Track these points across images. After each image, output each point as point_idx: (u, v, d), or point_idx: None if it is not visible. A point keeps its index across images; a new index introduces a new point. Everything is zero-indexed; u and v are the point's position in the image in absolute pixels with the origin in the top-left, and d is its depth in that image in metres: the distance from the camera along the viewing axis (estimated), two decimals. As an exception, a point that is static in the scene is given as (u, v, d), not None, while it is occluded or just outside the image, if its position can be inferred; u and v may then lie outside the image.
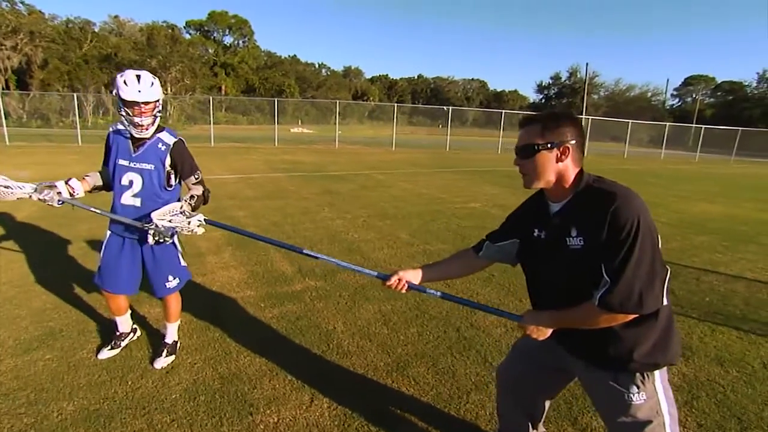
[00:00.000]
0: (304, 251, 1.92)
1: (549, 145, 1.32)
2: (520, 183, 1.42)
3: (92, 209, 2.35)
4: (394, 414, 2.21)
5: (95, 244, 4.56)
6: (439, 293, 1.62)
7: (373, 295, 3.61)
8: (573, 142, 1.32)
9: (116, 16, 44.04)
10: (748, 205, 9.60)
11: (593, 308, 1.26)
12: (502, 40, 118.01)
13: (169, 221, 2.16)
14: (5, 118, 18.26)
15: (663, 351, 1.30)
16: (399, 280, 1.59)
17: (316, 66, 59.92)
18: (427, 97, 63.05)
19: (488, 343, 2.91)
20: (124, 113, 2.20)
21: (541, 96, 59.44)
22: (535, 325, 1.41)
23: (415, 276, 1.62)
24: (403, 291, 1.61)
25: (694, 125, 32.08)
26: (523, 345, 1.68)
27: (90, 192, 2.44)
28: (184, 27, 45.85)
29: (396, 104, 26.83)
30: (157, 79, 2.29)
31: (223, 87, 41.58)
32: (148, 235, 2.25)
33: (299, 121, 39.65)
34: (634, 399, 1.32)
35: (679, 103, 58.47)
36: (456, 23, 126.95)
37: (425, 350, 2.81)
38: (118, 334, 2.66)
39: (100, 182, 2.45)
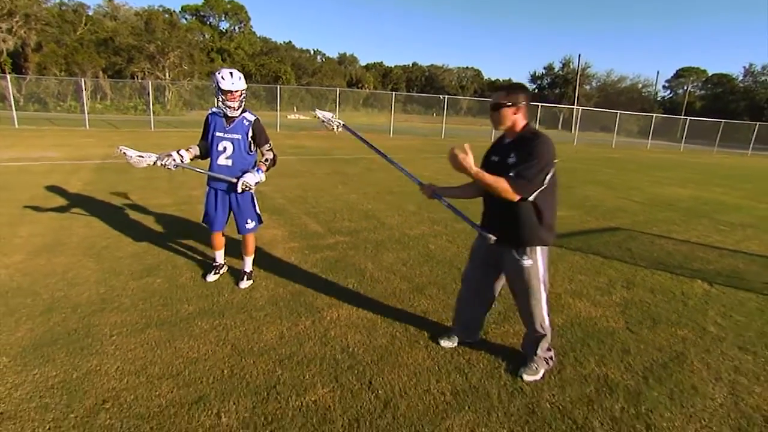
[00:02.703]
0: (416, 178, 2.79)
1: (509, 104, 2.20)
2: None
3: (197, 170, 3.25)
4: (416, 316, 3.16)
5: (153, 209, 5.45)
6: (446, 202, 2.56)
7: (392, 247, 4.58)
8: (523, 103, 2.20)
9: (111, 0, 43.93)
10: (716, 189, 10.66)
11: (501, 178, 2.12)
12: (496, 28, 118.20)
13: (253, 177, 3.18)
14: (14, 103, 18.76)
15: (543, 235, 2.24)
16: (429, 186, 2.57)
17: (312, 53, 60.09)
18: (422, 85, 63.56)
19: (482, 278, 3.88)
20: (221, 99, 3.08)
21: (534, 85, 60.17)
22: (462, 153, 2.16)
23: (438, 190, 2.56)
24: (428, 195, 2.57)
25: (681, 117, 33.18)
26: (476, 249, 2.57)
27: (192, 160, 3.27)
28: (180, 12, 45.85)
29: (393, 92, 27.59)
30: (242, 75, 3.18)
31: (219, 73, 41.84)
32: (238, 185, 3.10)
33: (294, 108, 40.08)
34: (524, 262, 2.27)
35: (671, 95, 59.62)
36: (451, 11, 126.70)
37: (435, 280, 3.77)
38: (216, 264, 3.61)
39: (198, 153, 3.30)
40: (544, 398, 2.28)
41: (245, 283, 3.44)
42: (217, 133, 3.20)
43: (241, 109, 3.19)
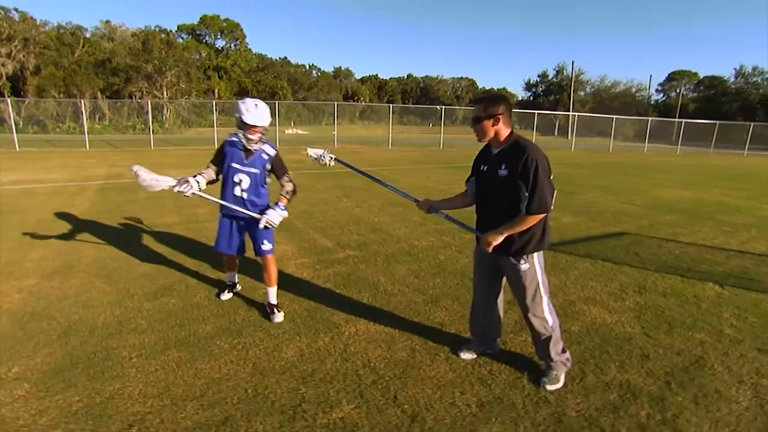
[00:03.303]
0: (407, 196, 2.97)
1: (488, 116, 2.25)
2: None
3: (215, 200, 3.14)
4: (434, 328, 3.16)
5: (158, 228, 5.46)
6: (444, 214, 2.66)
7: (402, 259, 4.59)
8: (502, 113, 2.24)
9: (108, 22, 44.49)
10: (715, 190, 10.73)
11: (523, 215, 2.20)
12: (489, 38, 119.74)
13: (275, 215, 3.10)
14: (14, 126, 18.85)
15: (539, 242, 2.31)
16: (425, 201, 2.68)
17: (307, 67, 60.65)
18: (417, 97, 64.06)
19: (495, 287, 3.89)
20: (241, 131, 2.97)
21: (529, 93, 60.76)
22: (491, 237, 2.28)
23: (435, 204, 2.65)
24: (424, 210, 2.66)
25: (676, 119, 33.49)
26: (477, 258, 2.62)
27: (207, 184, 3.18)
28: (176, 31, 46.36)
29: (390, 104, 27.83)
30: (267, 107, 3.03)
31: (216, 90, 42.18)
32: (261, 222, 3.03)
33: (291, 123, 40.31)
34: (521, 266, 2.33)
35: (664, 98, 60.16)
36: (444, 23, 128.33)
37: (449, 291, 3.78)
38: (230, 284, 3.59)
39: (212, 177, 3.21)
40: (569, 406, 2.28)
41: (279, 317, 3.19)
42: (234, 165, 3.09)
43: (261, 143, 3.08)
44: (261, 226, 3.05)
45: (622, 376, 2.58)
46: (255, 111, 2.93)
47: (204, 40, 48.71)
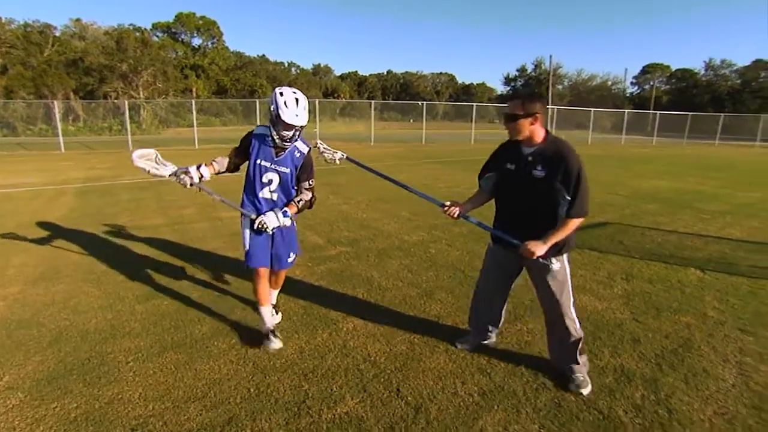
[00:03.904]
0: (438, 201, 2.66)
1: (525, 114, 2.20)
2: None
3: (214, 196, 2.71)
4: (430, 321, 3.20)
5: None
6: (476, 221, 2.55)
7: (394, 254, 4.61)
8: (540, 113, 2.19)
9: (78, 20, 43.05)
10: (691, 179, 11.08)
11: (565, 220, 2.16)
12: (469, 33, 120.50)
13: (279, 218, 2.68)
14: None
15: (568, 243, 2.29)
16: (453, 206, 2.49)
17: (286, 65, 59.98)
18: (398, 93, 64.01)
19: (487, 279, 3.96)
20: (277, 128, 2.54)
21: (508, 87, 61.44)
22: (535, 247, 2.17)
23: (463, 209, 2.50)
24: (454, 216, 2.50)
25: (651, 111, 34.34)
26: (492, 259, 2.56)
27: (216, 174, 2.71)
28: (151, 29, 45.19)
29: (371, 101, 27.78)
30: (306, 101, 2.60)
31: (194, 89, 41.35)
32: (255, 222, 2.63)
33: (272, 121, 39.72)
34: (554, 266, 2.29)
35: (639, 91, 61.58)
36: (423, 18, 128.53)
37: (443, 285, 3.82)
38: (271, 329, 2.80)
39: (224, 168, 2.75)
40: (568, 392, 2.34)
41: (277, 318, 3.12)
42: (263, 162, 2.68)
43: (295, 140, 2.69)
44: (255, 226, 2.65)
45: (616, 360, 2.67)
46: (294, 108, 2.51)
47: (180, 39, 47.68)
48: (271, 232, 2.70)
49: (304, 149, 2.75)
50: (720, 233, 5.72)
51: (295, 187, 2.78)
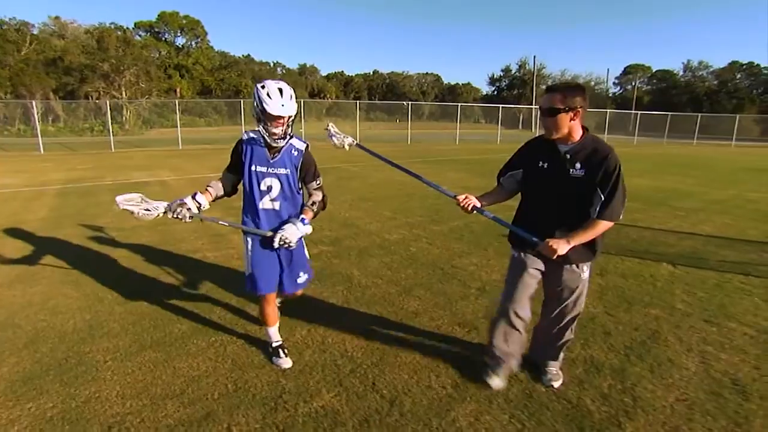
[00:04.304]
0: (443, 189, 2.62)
1: (566, 109, 1.99)
2: (479, 169, 2.52)
3: (220, 222, 2.56)
4: (408, 317, 3.26)
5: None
6: (491, 215, 2.30)
7: (375, 253, 4.67)
8: (581, 108, 1.98)
9: (57, 18, 42.17)
10: (669, 178, 11.37)
11: (594, 221, 2.01)
12: (455, 34, 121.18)
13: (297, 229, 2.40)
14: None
15: (596, 251, 2.17)
16: (467, 198, 2.26)
17: (272, 65, 59.60)
18: (384, 93, 64.14)
19: (465, 275, 4.04)
20: (264, 124, 2.30)
21: (493, 88, 62.05)
22: (557, 245, 1.99)
23: (477, 202, 2.27)
24: (468, 209, 2.25)
25: (633, 111, 35.03)
26: (519, 264, 2.28)
27: (213, 201, 2.48)
28: (134, 28, 44.51)
29: (357, 101, 27.82)
30: (293, 90, 2.36)
31: (178, 89, 40.85)
32: (275, 240, 2.35)
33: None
34: (584, 275, 2.21)
35: (621, 91, 62.76)
36: (409, 19, 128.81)
37: (421, 282, 3.89)
38: (279, 344, 2.67)
39: (221, 192, 2.51)
40: (538, 383, 2.42)
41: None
42: (258, 168, 2.40)
43: (288, 136, 2.41)
44: (275, 244, 2.36)
45: (586, 352, 2.76)
46: (279, 98, 2.25)
47: (163, 38, 47.05)
48: (295, 246, 2.42)
49: (301, 146, 2.48)
50: (693, 229, 5.90)
51: (300, 191, 2.56)
